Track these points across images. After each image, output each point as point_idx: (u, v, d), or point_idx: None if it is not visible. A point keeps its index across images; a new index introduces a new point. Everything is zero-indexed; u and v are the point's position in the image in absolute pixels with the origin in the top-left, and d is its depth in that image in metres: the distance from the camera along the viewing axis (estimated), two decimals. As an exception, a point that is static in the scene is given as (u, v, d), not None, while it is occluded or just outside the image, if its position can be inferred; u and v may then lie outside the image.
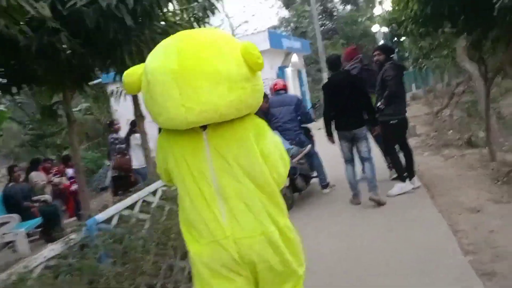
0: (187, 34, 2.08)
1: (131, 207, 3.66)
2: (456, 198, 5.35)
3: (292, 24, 26.46)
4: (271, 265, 2.06)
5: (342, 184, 6.37)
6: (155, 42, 4.70)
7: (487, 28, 5.66)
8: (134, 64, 2.13)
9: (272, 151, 2.11)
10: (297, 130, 6.55)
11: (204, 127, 2.02)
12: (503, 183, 5.72)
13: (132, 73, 2.03)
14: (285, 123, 6.48)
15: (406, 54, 13.65)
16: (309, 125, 7.21)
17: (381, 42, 14.98)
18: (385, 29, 12.22)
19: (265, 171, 2.06)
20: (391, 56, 6.02)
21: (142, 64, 2.05)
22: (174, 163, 2.08)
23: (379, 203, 5.56)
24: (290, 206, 5.80)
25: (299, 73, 21.83)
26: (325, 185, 6.76)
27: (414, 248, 4.11)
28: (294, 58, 20.90)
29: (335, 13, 30.17)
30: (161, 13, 4.96)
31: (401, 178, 5.92)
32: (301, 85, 21.95)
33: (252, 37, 17.13)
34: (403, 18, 6.95)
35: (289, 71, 20.16)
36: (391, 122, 5.85)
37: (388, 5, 11.65)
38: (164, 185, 4.05)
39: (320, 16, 27.53)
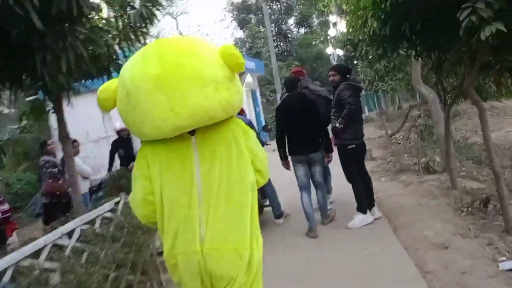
0: (165, 41, 2.08)
1: (37, 253, 2.92)
2: (421, 231, 4.93)
3: (247, 45, 26.19)
4: (234, 282, 2.05)
5: (298, 213, 5.84)
6: (75, 50, 4.07)
7: (449, 49, 5.38)
8: (49, 74, 1.64)
9: (259, 149, 2.21)
10: None
11: (191, 133, 2.03)
12: (467, 214, 5.38)
13: (107, 88, 2.01)
14: None
15: (360, 77, 13.51)
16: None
17: (334, 63, 14.77)
18: (339, 52, 11.97)
19: (250, 174, 2.11)
20: (347, 76, 5.58)
21: (115, 79, 2.04)
22: (159, 173, 2.02)
23: (332, 219, 5.71)
24: None
25: (253, 93, 21.45)
26: (279, 214, 6.22)
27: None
28: (249, 78, 20.47)
29: (289, 35, 30.22)
30: (85, 19, 4.27)
31: (361, 208, 5.46)
32: (255, 105, 21.55)
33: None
34: (360, 38, 6.61)
35: (243, 91, 19.66)
36: (349, 147, 5.40)
37: (343, 27, 11.40)
38: (86, 223, 3.34)
39: (275, 38, 27.46)
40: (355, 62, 10.53)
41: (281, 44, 29.62)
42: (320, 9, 15.70)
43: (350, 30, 7.03)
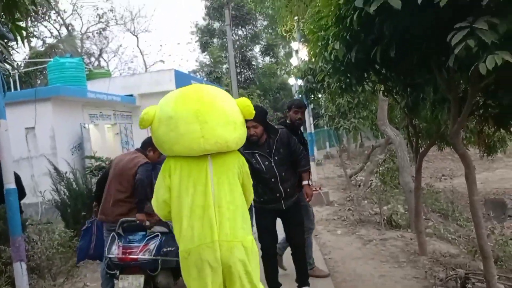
0: (203, 86, 2.94)
1: None
2: (383, 323, 3.71)
3: (205, 68, 25.02)
4: (240, 268, 2.63)
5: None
6: None
7: (430, 86, 4.28)
8: None
9: (249, 180, 3.00)
10: None
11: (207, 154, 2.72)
12: (441, 296, 4.21)
13: (149, 112, 2.74)
14: None
15: (322, 111, 12.50)
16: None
17: (295, 96, 13.72)
18: (300, 82, 10.96)
19: (241, 191, 2.85)
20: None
21: (154, 106, 2.81)
22: (178, 182, 2.70)
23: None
24: None
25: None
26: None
27: None
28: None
29: (254, 63, 29.30)
30: None
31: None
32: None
33: (157, 75, 15.30)
34: (320, 65, 5.50)
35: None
36: None
37: (304, 54, 10.36)
38: None
39: (238, 64, 26.47)
40: (318, 94, 9.42)
41: (244, 71, 28.64)
42: (281, 34, 14.72)
43: (311, 57, 5.92)
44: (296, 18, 10.81)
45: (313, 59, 5.44)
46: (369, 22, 3.53)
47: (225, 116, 2.68)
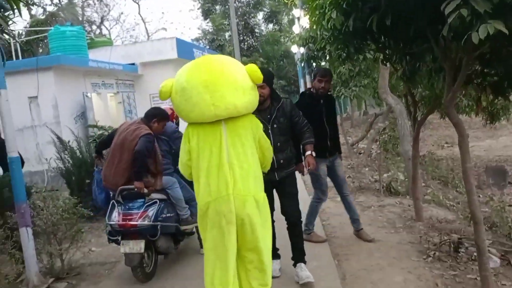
0: (212, 56, 3.14)
1: None
2: (376, 286, 3.84)
3: (208, 36, 24.75)
4: (252, 220, 2.95)
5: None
6: None
7: (426, 55, 4.28)
8: None
9: (265, 140, 3.30)
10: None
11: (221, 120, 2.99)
12: (435, 260, 4.33)
13: (167, 84, 3.02)
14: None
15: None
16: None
17: (298, 63, 13.64)
18: (303, 50, 10.89)
19: (255, 152, 3.14)
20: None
21: (171, 79, 3.06)
22: (196, 146, 3.03)
23: None
24: (151, 275, 4.45)
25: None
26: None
27: None
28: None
29: (257, 30, 28.95)
30: None
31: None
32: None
33: (158, 44, 15.21)
34: (318, 34, 5.47)
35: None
36: None
37: (306, 22, 10.24)
38: None
39: (241, 32, 26.18)
40: (319, 62, 9.37)
41: (247, 39, 28.35)
42: (284, 1, 14.48)
43: (312, 24, 5.89)
44: (298, -16, 10.67)
45: (313, 30, 5.40)
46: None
47: (234, 83, 2.90)
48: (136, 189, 4.30)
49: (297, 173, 4.21)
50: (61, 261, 4.69)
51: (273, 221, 4.01)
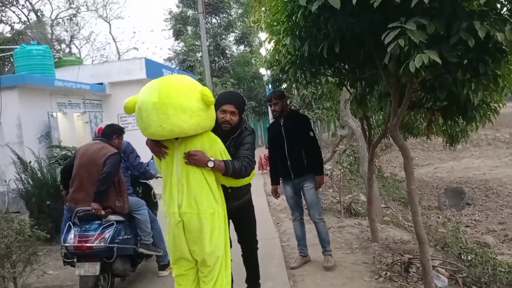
0: (166, 78, 3.27)
1: None
2: (327, 305, 3.93)
3: (180, 56, 24.86)
4: (197, 235, 3.11)
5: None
6: None
7: (374, 81, 4.48)
8: None
9: (226, 155, 3.32)
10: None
11: (176, 138, 3.14)
12: (386, 280, 4.45)
13: (130, 100, 3.15)
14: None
15: (289, 102, 12.64)
16: (151, 182, 5.57)
17: (266, 87, 13.86)
18: (269, 73, 11.11)
19: (204, 170, 3.16)
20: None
21: (136, 95, 3.16)
22: (160, 162, 3.29)
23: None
24: None
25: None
26: (163, 265, 5.04)
27: None
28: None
29: (227, 52, 29.26)
30: None
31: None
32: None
33: (127, 64, 15.24)
34: (280, 58, 5.64)
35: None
36: None
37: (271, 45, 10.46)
38: None
39: (212, 53, 26.41)
40: (283, 84, 9.57)
41: (218, 60, 28.61)
42: (249, 24, 14.77)
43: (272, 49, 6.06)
44: (263, 8, 10.90)
45: (271, 55, 5.56)
46: (316, 19, 3.71)
47: (180, 105, 2.96)
48: (93, 210, 4.27)
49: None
50: (14, 285, 4.60)
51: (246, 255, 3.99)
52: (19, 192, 7.46)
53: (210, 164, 3.09)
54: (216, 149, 3.22)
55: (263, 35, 12.59)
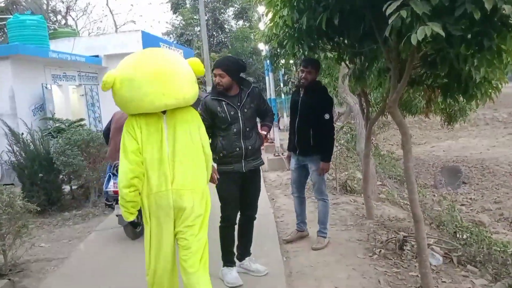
0: (155, 49, 3.26)
1: None
2: (319, 282, 3.88)
3: (178, 30, 24.48)
4: (190, 209, 3.04)
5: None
6: None
7: (373, 56, 4.35)
8: None
9: (206, 137, 3.29)
10: None
11: (163, 112, 3.05)
12: (380, 257, 4.42)
13: (111, 75, 2.93)
14: None
15: (285, 78, 12.47)
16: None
17: (264, 62, 13.65)
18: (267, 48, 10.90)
19: (199, 144, 3.16)
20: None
21: (111, 71, 2.98)
22: (140, 138, 3.00)
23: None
24: (139, 234, 5.33)
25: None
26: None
27: None
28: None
29: (226, 26, 28.83)
30: None
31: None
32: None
33: (123, 36, 14.98)
34: (278, 32, 5.49)
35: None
36: None
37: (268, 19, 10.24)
38: None
39: (210, 27, 26.01)
40: (281, 60, 9.39)
41: (217, 34, 28.21)
42: (249, -2, 14.48)
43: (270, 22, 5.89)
44: (262, -20, 10.65)
45: (269, 28, 5.40)
46: (315, -11, 3.56)
47: (182, 74, 3.00)
48: None
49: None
50: (4, 257, 4.55)
51: (233, 223, 3.96)
52: (11, 164, 7.38)
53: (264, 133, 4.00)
54: (199, 121, 3.24)
55: (261, 9, 12.35)
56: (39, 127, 9.67)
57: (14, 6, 16.93)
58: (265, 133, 4.06)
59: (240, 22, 29.93)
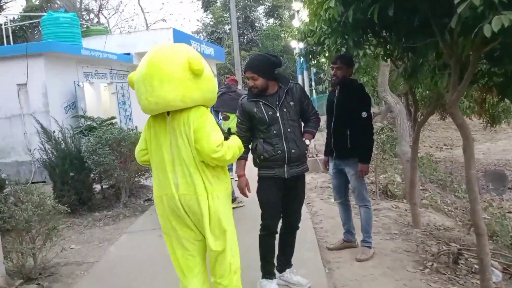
0: (157, 48, 2.93)
1: None
2: (367, 299, 3.56)
3: (208, 28, 24.36)
4: (198, 217, 2.89)
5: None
6: None
7: (426, 51, 3.97)
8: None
9: (201, 127, 2.83)
10: None
11: (168, 113, 2.89)
12: (432, 272, 4.04)
13: (132, 75, 2.97)
14: None
15: (321, 76, 12.10)
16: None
17: (297, 59, 13.30)
18: (301, 45, 10.57)
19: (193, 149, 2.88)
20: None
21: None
22: (149, 138, 2.99)
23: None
24: None
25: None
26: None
27: None
28: (205, 64, 18.91)
29: (257, 24, 28.57)
30: None
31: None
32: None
33: (155, 34, 14.91)
34: (318, 26, 5.16)
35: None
36: None
37: (305, 15, 9.92)
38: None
39: (241, 25, 25.81)
40: (318, 58, 9.04)
41: (247, 33, 27.97)
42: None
43: (311, 17, 5.57)
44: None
45: (311, 22, 5.08)
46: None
47: (165, 76, 2.74)
48: None
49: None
50: (33, 260, 4.39)
51: (274, 232, 3.66)
52: (43, 162, 7.29)
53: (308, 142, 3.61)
54: (202, 121, 2.86)
55: (296, 5, 12.02)
56: (70, 125, 9.61)
57: (49, 4, 17.10)
58: (308, 142, 3.66)
59: (271, 20, 29.64)
